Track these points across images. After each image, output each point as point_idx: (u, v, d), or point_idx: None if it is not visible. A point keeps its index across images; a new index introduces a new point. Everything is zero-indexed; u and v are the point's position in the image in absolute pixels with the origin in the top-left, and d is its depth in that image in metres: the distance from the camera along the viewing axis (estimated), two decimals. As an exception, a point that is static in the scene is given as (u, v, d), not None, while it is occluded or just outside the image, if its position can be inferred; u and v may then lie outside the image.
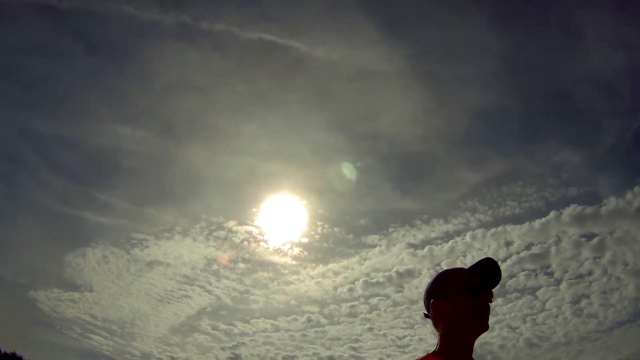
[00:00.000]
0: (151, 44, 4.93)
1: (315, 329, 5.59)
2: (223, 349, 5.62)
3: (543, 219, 4.73)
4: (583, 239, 4.64)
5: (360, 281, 5.58)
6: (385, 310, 5.44)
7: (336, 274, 5.74)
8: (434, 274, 0.35)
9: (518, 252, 4.83)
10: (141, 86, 5.23)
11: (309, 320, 5.64)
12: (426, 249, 5.27)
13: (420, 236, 5.34)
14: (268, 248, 5.94)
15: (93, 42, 4.69)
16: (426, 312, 0.34)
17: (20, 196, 5.99)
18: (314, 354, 5.46)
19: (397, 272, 5.47)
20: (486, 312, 0.31)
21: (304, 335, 5.57)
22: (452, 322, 0.31)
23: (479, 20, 4.58)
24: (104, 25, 4.38)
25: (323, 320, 5.60)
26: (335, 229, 5.69)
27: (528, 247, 4.79)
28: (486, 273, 0.32)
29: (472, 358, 0.31)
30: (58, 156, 5.78)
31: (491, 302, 0.31)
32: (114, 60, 5.01)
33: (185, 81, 5.16)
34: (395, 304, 5.43)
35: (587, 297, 4.68)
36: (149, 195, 6.42)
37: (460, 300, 0.31)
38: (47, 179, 5.58)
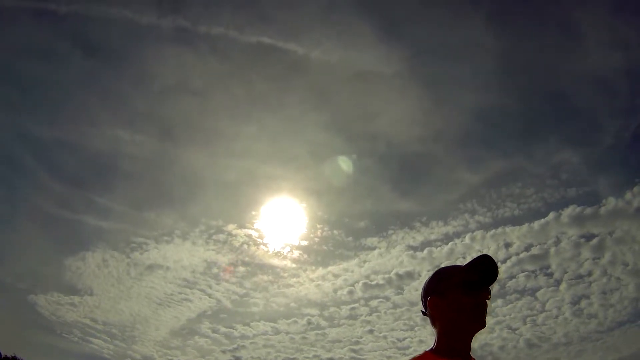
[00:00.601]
0: (149, 48, 4.91)
1: (315, 331, 5.59)
2: (223, 351, 5.62)
3: (542, 220, 4.72)
4: (582, 240, 4.63)
5: (360, 283, 5.59)
6: (385, 313, 5.44)
7: (336, 276, 5.74)
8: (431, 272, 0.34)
9: (517, 254, 4.82)
10: (140, 90, 5.22)
11: (309, 322, 5.64)
12: (425, 251, 5.26)
13: (419, 238, 5.34)
14: (268, 251, 5.94)
15: (91, 46, 4.66)
16: (424, 310, 0.34)
17: (19, 200, 5.96)
18: (315, 356, 5.46)
19: (397, 274, 5.47)
20: (483, 309, 0.31)
21: (304, 337, 5.56)
22: (449, 319, 0.31)
23: (476, 21, 4.57)
24: (102, 29, 4.36)
25: (323, 323, 5.60)
26: (335, 232, 5.68)
27: (527, 248, 4.78)
28: (483, 270, 0.31)
29: (470, 355, 0.31)
30: (57, 160, 5.76)
31: (488, 299, 0.31)
32: (112, 63, 4.98)
33: (184, 84, 5.16)
34: (396, 306, 5.43)
35: (587, 297, 4.68)
36: (148, 199, 6.40)
37: (457, 297, 0.31)
38: (47, 183, 5.55)
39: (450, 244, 5.19)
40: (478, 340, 0.32)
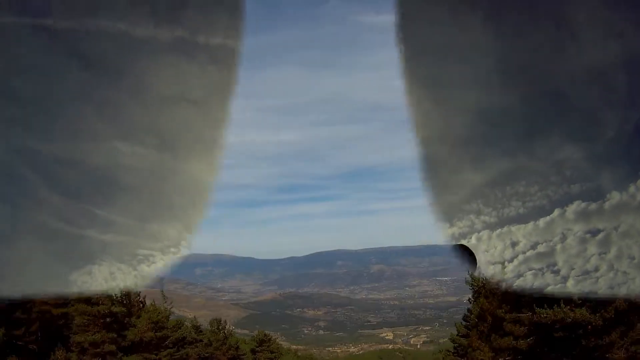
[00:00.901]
0: (147, 59, 4.91)
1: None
2: None
3: (547, 217, 4.72)
4: (588, 235, 4.64)
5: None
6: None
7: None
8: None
9: (524, 252, 4.82)
10: (138, 101, 5.22)
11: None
12: (432, 251, 5.27)
13: (425, 239, 5.35)
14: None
15: (88, 60, 4.68)
16: None
17: (21, 216, 5.95)
18: None
19: (404, 276, 5.49)
20: None
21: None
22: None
23: (474, 20, 4.57)
24: (98, 43, 4.37)
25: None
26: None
27: (534, 246, 4.79)
28: (465, 259, 0.30)
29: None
30: (57, 174, 5.75)
31: None
32: (109, 77, 4.97)
33: (182, 95, 5.15)
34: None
35: (595, 293, 4.69)
36: (151, 211, 6.43)
37: None
38: (48, 198, 5.54)
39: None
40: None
